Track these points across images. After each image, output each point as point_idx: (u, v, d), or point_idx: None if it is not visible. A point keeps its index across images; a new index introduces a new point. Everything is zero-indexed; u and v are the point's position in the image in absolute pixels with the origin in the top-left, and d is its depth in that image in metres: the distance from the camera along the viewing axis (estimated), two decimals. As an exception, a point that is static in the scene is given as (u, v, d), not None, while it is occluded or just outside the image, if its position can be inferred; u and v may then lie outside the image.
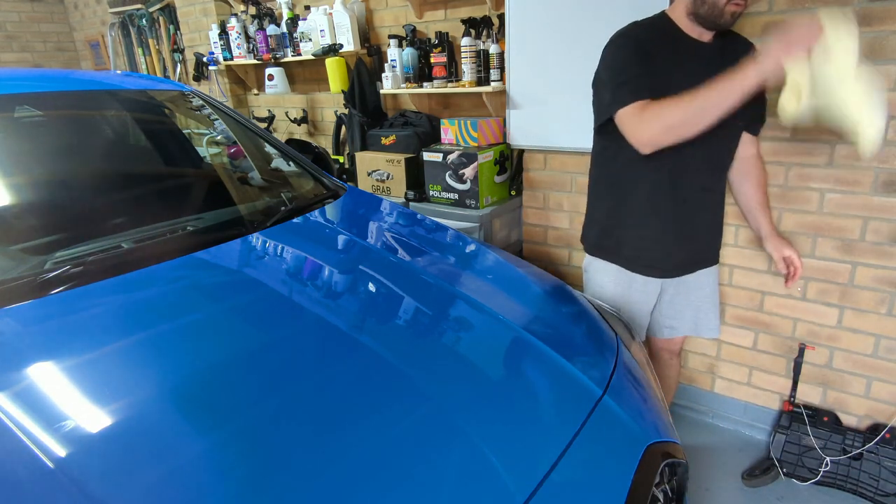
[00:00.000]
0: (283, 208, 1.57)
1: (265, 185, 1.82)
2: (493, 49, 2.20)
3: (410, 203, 2.36)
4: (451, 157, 2.18)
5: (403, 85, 2.49)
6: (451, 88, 2.35)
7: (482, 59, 2.27)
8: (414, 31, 2.50)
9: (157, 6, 3.95)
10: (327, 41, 2.71)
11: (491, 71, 2.24)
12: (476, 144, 2.21)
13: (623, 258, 1.58)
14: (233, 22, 3.16)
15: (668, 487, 1.00)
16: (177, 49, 3.93)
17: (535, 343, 1.12)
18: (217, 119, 1.96)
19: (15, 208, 1.36)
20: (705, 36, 1.39)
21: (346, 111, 2.77)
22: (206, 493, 0.72)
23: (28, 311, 1.03)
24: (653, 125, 1.29)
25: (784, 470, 1.86)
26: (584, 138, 1.73)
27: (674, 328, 1.73)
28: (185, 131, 1.96)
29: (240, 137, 1.95)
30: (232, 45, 3.23)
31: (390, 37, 2.48)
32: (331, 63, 2.69)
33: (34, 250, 1.22)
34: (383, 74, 2.51)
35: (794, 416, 1.91)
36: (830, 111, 1.07)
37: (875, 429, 1.81)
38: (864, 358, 1.80)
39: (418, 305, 1.23)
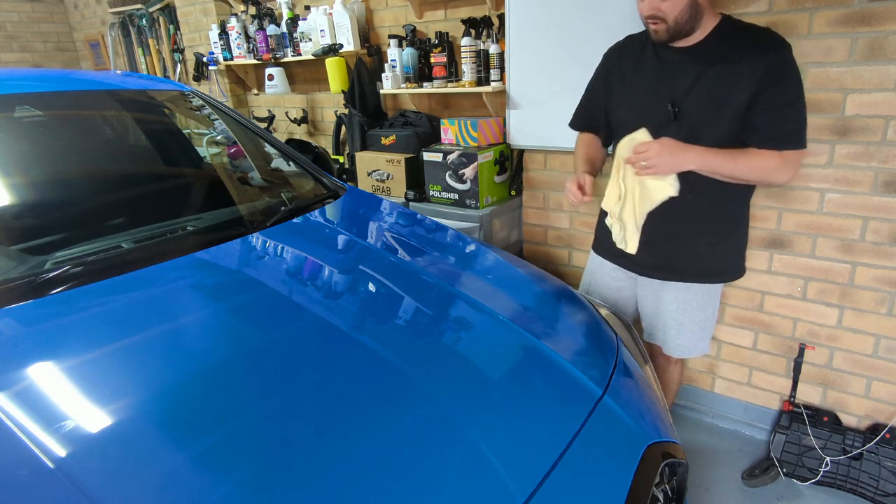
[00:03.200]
0: (282, 208, 1.57)
1: (265, 185, 1.82)
2: (493, 49, 2.20)
3: (410, 203, 2.36)
4: (451, 157, 2.18)
5: (403, 85, 2.49)
6: (451, 88, 2.35)
7: (482, 59, 2.27)
8: (414, 31, 2.50)
9: (157, 6, 3.95)
10: (327, 41, 2.71)
11: (491, 71, 2.24)
12: (476, 144, 2.21)
13: (594, 241, 1.78)
14: (233, 22, 3.16)
15: (668, 487, 1.00)
16: (177, 49, 3.93)
17: (535, 343, 1.12)
18: (217, 119, 1.96)
19: (15, 208, 1.36)
20: (692, 40, 1.38)
21: (346, 111, 2.77)
22: (207, 493, 0.72)
23: (28, 311, 1.03)
24: None
25: (784, 470, 1.86)
26: (584, 138, 1.74)
27: (649, 333, 1.74)
28: (185, 131, 1.96)
29: (240, 137, 1.95)
30: (232, 45, 3.23)
31: (390, 37, 2.48)
32: (331, 63, 2.69)
33: (34, 250, 1.22)
34: (383, 74, 2.51)
35: (794, 416, 1.91)
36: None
37: (875, 429, 1.81)
38: (864, 358, 1.80)
39: (418, 305, 1.23)
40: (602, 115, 1.63)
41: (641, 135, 1.39)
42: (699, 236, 1.50)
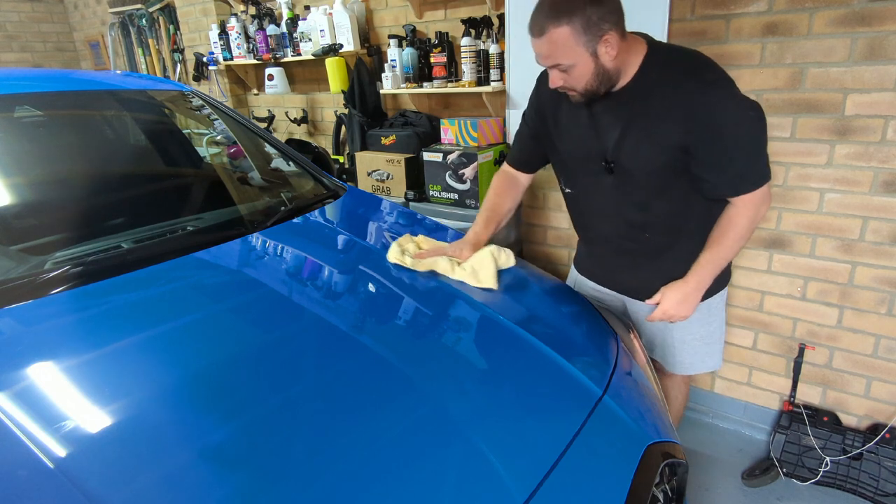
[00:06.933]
0: (282, 208, 1.57)
1: (265, 185, 1.82)
2: (493, 49, 2.20)
3: (410, 203, 2.36)
4: (451, 157, 2.18)
5: (403, 85, 2.49)
6: (451, 88, 2.35)
7: (482, 59, 2.27)
8: (414, 31, 2.50)
9: (157, 6, 3.95)
10: (327, 41, 2.71)
11: (491, 71, 2.24)
12: (476, 144, 2.21)
13: (575, 257, 1.73)
14: (233, 22, 3.16)
15: (668, 487, 1.00)
16: (177, 49, 3.93)
17: (536, 343, 1.12)
18: (217, 119, 1.96)
19: (15, 208, 1.36)
20: (623, 80, 1.23)
21: (346, 111, 2.77)
22: (207, 493, 0.72)
23: (28, 311, 1.03)
24: None
25: (784, 470, 1.86)
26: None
27: (648, 349, 1.59)
28: (185, 131, 1.96)
29: (240, 137, 1.95)
30: (232, 45, 3.23)
31: (390, 37, 2.48)
32: (331, 63, 2.69)
33: (34, 250, 1.22)
34: (383, 74, 2.51)
35: (794, 416, 1.91)
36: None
37: (875, 429, 1.81)
38: (864, 358, 1.80)
39: (418, 306, 1.23)
40: (540, 156, 1.52)
41: None
42: (676, 263, 1.38)
